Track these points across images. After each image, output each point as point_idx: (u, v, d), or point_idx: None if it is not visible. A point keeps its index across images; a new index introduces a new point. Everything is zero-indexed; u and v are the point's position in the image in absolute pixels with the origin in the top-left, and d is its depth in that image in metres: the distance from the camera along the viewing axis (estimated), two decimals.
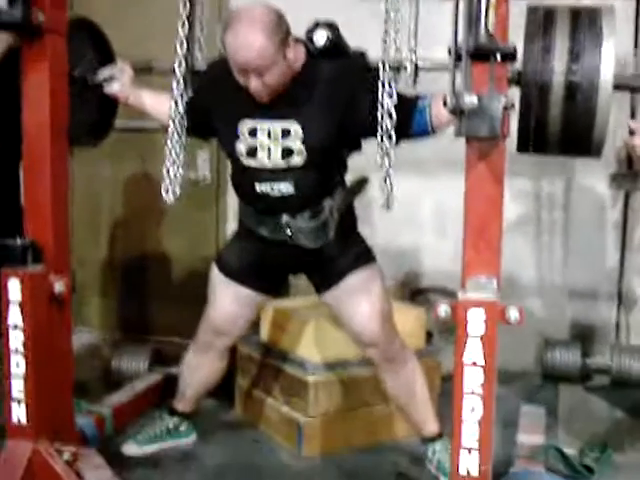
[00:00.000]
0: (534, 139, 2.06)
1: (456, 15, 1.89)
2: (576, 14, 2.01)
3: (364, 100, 2.47)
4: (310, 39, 2.55)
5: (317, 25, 2.55)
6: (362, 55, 2.63)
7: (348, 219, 2.76)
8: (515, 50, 1.91)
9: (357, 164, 2.75)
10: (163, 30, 2.69)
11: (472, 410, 2.15)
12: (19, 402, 2.59)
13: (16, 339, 2.56)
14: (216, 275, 2.88)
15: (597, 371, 3.94)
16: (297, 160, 2.54)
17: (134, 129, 3.08)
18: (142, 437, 3.09)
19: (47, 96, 2.56)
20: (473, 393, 2.14)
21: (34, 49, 2.54)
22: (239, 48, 2.39)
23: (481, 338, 2.11)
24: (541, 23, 2.00)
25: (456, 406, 2.16)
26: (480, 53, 1.89)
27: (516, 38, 2.04)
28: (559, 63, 1.94)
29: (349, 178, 2.76)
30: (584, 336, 4.09)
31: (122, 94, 2.83)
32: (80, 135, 2.89)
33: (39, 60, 2.55)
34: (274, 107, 2.53)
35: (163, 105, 2.76)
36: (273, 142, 2.54)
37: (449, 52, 1.92)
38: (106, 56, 2.92)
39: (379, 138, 2.42)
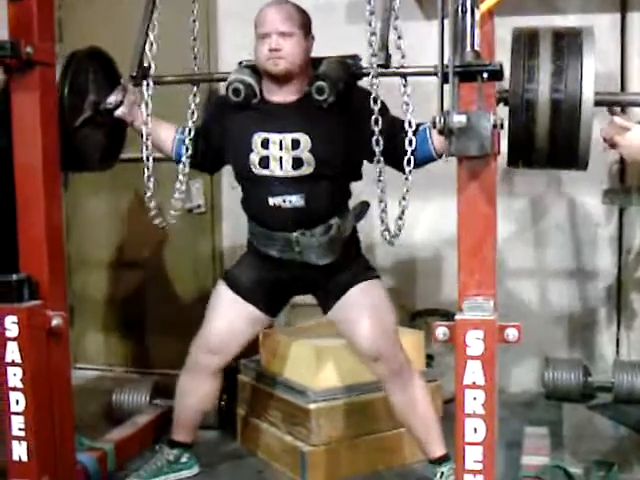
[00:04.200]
0: (523, 154, 2.13)
1: (441, 34, 1.90)
2: (558, 35, 2.08)
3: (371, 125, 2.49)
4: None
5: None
6: (354, 57, 2.69)
7: (353, 242, 2.85)
8: (502, 68, 1.92)
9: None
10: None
11: (475, 432, 2.13)
12: (20, 440, 2.57)
13: (15, 376, 2.54)
14: (222, 291, 2.90)
15: (599, 389, 3.92)
16: (307, 170, 2.64)
17: (126, 160, 3.10)
18: (144, 472, 3.06)
19: (38, 130, 2.56)
20: (475, 414, 2.13)
21: (23, 82, 2.54)
22: (270, 8, 2.65)
23: (480, 358, 2.10)
24: (526, 44, 2.08)
25: (458, 428, 2.15)
26: (467, 72, 1.90)
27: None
28: (544, 82, 2.02)
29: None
30: (585, 353, 4.07)
31: (126, 117, 2.87)
32: (94, 160, 2.96)
33: (29, 94, 2.54)
34: (284, 121, 2.66)
35: (168, 138, 2.88)
36: (285, 152, 2.64)
37: (436, 73, 1.93)
38: (114, 81, 2.95)
39: (403, 168, 2.47)
